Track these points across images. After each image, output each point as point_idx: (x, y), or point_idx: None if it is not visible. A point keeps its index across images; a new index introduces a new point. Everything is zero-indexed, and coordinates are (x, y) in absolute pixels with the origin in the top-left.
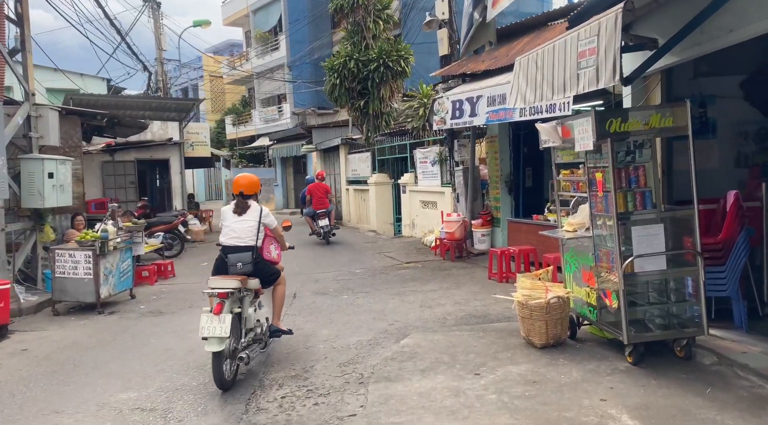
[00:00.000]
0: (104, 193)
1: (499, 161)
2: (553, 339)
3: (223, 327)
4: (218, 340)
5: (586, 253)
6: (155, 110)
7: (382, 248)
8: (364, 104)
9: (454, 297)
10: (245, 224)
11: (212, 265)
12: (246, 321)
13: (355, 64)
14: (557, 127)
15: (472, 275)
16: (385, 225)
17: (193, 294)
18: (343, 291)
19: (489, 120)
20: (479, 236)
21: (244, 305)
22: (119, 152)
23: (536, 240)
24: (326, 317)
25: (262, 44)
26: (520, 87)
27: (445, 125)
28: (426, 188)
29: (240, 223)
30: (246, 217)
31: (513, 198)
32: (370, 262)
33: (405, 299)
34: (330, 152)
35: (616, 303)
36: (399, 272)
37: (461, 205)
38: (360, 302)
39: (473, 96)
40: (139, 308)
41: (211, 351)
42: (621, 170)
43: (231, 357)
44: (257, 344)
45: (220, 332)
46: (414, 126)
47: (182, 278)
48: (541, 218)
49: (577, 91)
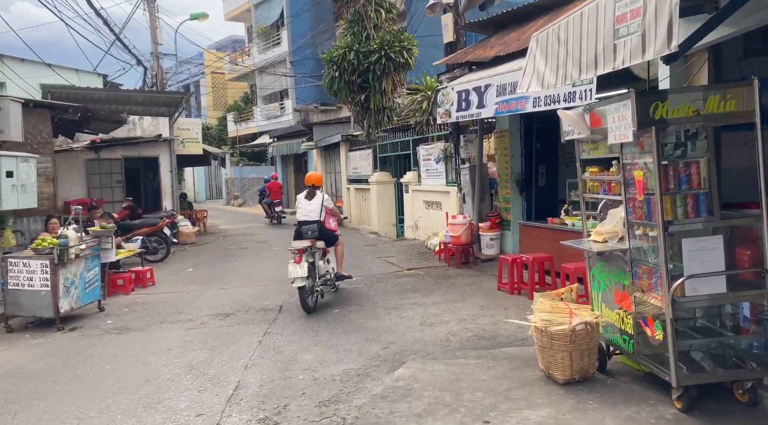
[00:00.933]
0: (89, 193)
1: (510, 157)
2: (578, 374)
3: (301, 270)
4: (300, 279)
5: (620, 269)
6: (142, 105)
7: (383, 252)
8: (365, 98)
9: (459, 313)
10: (313, 206)
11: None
12: (318, 268)
13: (355, 56)
14: (584, 114)
15: (479, 285)
16: (387, 227)
17: (170, 306)
18: (335, 304)
19: (498, 112)
20: (487, 240)
21: (315, 259)
22: (105, 149)
23: (552, 247)
24: (312, 337)
25: (263, 39)
26: (537, 68)
27: (449, 118)
28: (430, 188)
29: (309, 205)
30: (313, 201)
31: (525, 199)
32: (368, 268)
33: (403, 315)
34: (330, 149)
35: (660, 334)
36: (399, 281)
37: (467, 206)
38: (352, 318)
39: (481, 85)
40: (105, 323)
41: (297, 287)
42: (668, 168)
43: (311, 292)
44: (328, 285)
45: (300, 273)
46: (417, 121)
47: (162, 287)
48: (557, 222)
49: (613, 66)
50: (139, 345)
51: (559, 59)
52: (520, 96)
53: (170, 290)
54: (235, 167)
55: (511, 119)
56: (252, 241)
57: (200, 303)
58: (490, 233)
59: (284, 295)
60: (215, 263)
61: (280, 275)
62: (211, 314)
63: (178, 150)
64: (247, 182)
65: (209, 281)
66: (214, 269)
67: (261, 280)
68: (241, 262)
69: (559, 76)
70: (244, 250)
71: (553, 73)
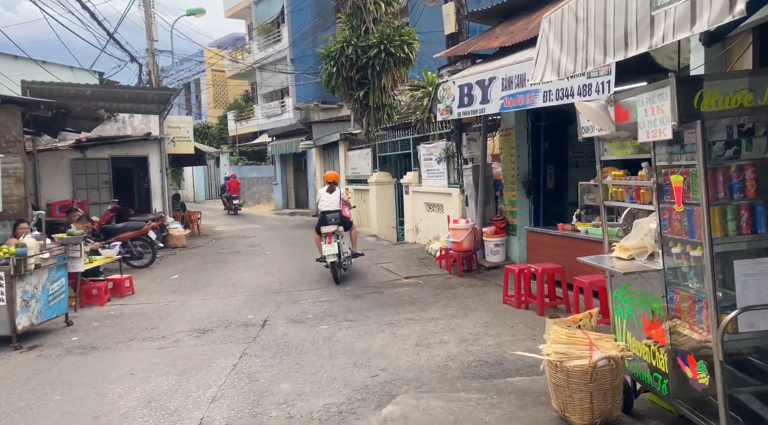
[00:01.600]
0: (74, 194)
1: (516, 157)
2: (600, 418)
3: (333, 249)
4: (333, 256)
5: (650, 292)
6: (130, 101)
7: (381, 258)
8: (364, 95)
9: (459, 331)
10: (333, 198)
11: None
12: (341, 247)
13: (353, 51)
14: (608, 106)
15: (483, 297)
16: (387, 229)
17: (144, 320)
18: (324, 318)
19: (504, 107)
20: (492, 246)
21: (339, 240)
22: (92, 148)
23: (563, 256)
24: (293, 360)
25: (263, 36)
26: (551, 53)
27: (451, 115)
28: (431, 189)
29: (330, 197)
30: (333, 194)
31: (532, 202)
32: (364, 275)
33: (397, 333)
34: (329, 148)
35: (705, 378)
36: (395, 292)
37: (470, 209)
38: (341, 336)
39: (485, 78)
40: (70, 340)
41: (330, 262)
42: (717, 172)
43: (339, 267)
44: (348, 261)
45: (333, 251)
46: (418, 118)
47: (141, 297)
48: (569, 229)
49: (650, 44)
50: (100, 369)
51: (577, 42)
52: (528, 90)
53: (149, 300)
54: (234, 166)
55: (518, 116)
56: (245, 244)
57: (178, 316)
58: (495, 239)
59: (269, 307)
60: (202, 269)
61: (269, 283)
62: (187, 330)
63: (169, 149)
64: (247, 182)
65: (192, 291)
66: (200, 277)
67: (248, 289)
68: (230, 268)
69: (578, 62)
70: (236, 254)
71: (571, 59)
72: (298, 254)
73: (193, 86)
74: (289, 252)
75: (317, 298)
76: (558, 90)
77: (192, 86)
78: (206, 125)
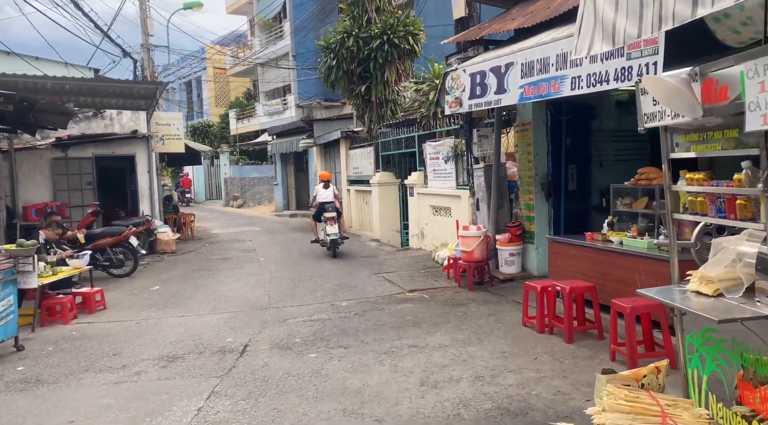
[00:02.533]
0: (55, 196)
1: (534, 156)
2: None
3: (334, 229)
4: (334, 235)
5: (745, 342)
6: (113, 96)
7: (383, 266)
8: (366, 90)
9: (473, 363)
10: (329, 193)
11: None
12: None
13: (354, 42)
14: (691, 80)
15: (498, 317)
16: (390, 233)
17: (108, 343)
18: (314, 343)
19: (524, 97)
20: (506, 255)
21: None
22: (74, 147)
23: (593, 271)
24: (271, 404)
25: (265, 32)
26: (601, 16)
27: (460, 108)
28: (438, 191)
29: (326, 192)
30: (329, 190)
31: (552, 206)
32: (363, 288)
33: (398, 366)
34: (330, 147)
35: None
36: (398, 309)
37: (482, 213)
38: (331, 369)
39: (500, 65)
40: (14, 371)
41: (330, 239)
42: None
43: (336, 245)
44: (342, 241)
45: (334, 231)
46: (423, 114)
47: (112, 312)
48: (599, 238)
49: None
50: (34, 415)
51: (627, 5)
52: (553, 76)
53: (121, 317)
54: (235, 165)
55: (536, 110)
56: (239, 249)
57: (148, 339)
58: (510, 248)
59: (253, 328)
60: (188, 278)
61: (257, 297)
62: (153, 358)
63: (157, 148)
64: (248, 182)
65: (171, 305)
66: (184, 288)
67: (233, 304)
68: (218, 278)
69: (646, 22)
70: (227, 261)
71: (634, 19)
72: (293, 262)
73: (194, 84)
74: (284, 259)
75: (309, 316)
76: (590, 75)
77: (193, 84)
78: (207, 123)
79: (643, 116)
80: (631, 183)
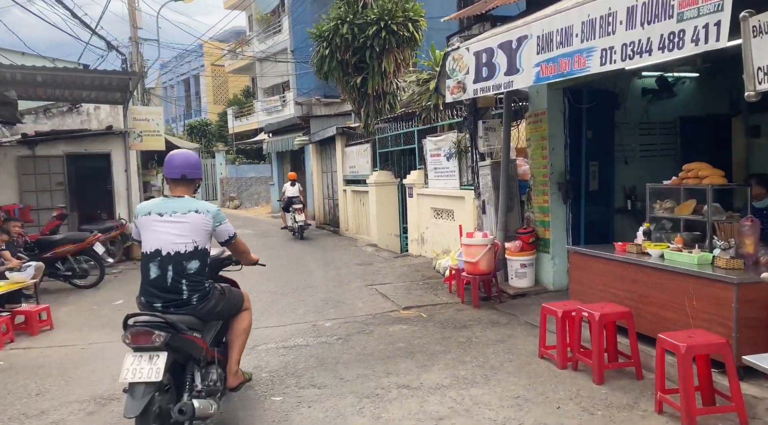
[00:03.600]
0: (21, 198)
1: (549, 151)
2: None
3: (302, 217)
4: (302, 221)
5: None
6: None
7: (377, 276)
8: (362, 82)
9: (477, 414)
10: (295, 189)
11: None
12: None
13: (349, 30)
14: None
15: (509, 346)
16: (389, 238)
17: (38, 378)
18: (283, 381)
19: (540, 78)
20: (517, 267)
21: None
22: (42, 144)
23: (626, 291)
24: None
25: (263, 26)
26: None
27: (464, 94)
28: (439, 191)
29: (293, 189)
30: (294, 187)
31: (570, 209)
32: (352, 303)
33: (383, 418)
34: (326, 144)
35: None
36: (389, 331)
37: (488, 218)
38: (296, 421)
39: (511, 39)
40: None
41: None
42: None
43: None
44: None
45: (302, 219)
46: (423, 106)
47: (59, 335)
48: (633, 250)
49: None
50: None
51: None
52: (578, 49)
53: (64, 340)
54: (231, 165)
55: (551, 97)
56: None
57: (86, 371)
58: (521, 258)
59: None
60: None
61: None
62: (83, 399)
63: (135, 145)
64: (245, 182)
65: None
66: None
67: None
68: None
69: None
70: None
71: None
72: (280, 270)
73: (192, 82)
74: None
75: (284, 340)
76: (626, 46)
77: (191, 82)
78: (205, 122)
79: (756, 72)
80: (674, 183)
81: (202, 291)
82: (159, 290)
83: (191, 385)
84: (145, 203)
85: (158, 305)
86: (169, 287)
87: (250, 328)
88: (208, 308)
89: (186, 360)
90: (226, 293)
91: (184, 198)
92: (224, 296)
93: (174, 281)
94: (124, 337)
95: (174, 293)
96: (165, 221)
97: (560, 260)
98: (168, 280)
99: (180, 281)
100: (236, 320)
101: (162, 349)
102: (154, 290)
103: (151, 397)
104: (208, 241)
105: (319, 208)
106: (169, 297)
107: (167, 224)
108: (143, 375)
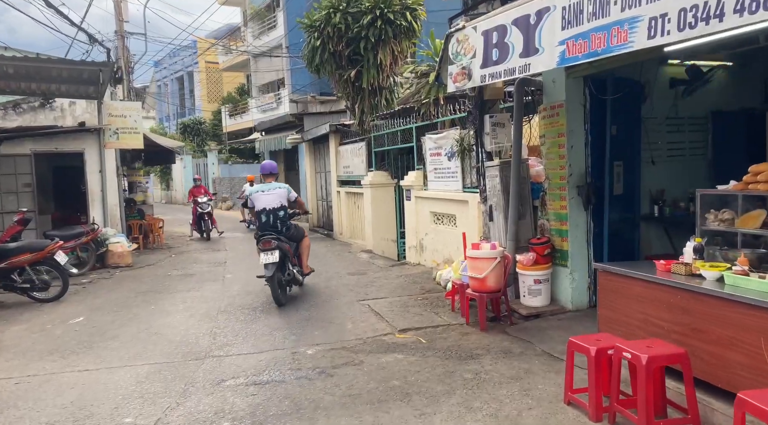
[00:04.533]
0: None
1: (567, 149)
2: None
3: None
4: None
5: None
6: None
7: (371, 288)
8: (356, 75)
9: None
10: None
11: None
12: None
13: (342, 19)
14: None
15: (527, 385)
16: (385, 243)
17: None
18: None
19: (566, 58)
20: (530, 282)
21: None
22: (7, 142)
23: (675, 323)
24: None
25: (258, 21)
26: None
27: (469, 82)
28: (440, 194)
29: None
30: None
31: (591, 216)
32: (340, 324)
33: None
34: (319, 143)
35: None
36: (382, 363)
37: (496, 225)
38: None
39: (529, 13)
40: None
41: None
42: None
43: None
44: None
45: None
46: (422, 100)
47: None
48: (681, 272)
49: None
50: None
51: None
52: (616, 20)
53: (0, 370)
54: (224, 165)
55: (570, 87)
56: (208, 262)
57: (13, 416)
58: (535, 272)
59: (171, 397)
60: (126, 304)
61: (199, 337)
62: None
63: (111, 143)
64: (238, 183)
65: (82, 350)
66: (113, 319)
67: (163, 348)
68: (164, 304)
69: None
70: (186, 279)
71: None
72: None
73: (186, 80)
74: (252, 281)
75: (256, 373)
76: (685, 11)
77: (185, 79)
78: (198, 120)
79: None
80: (737, 188)
81: (287, 226)
82: (268, 227)
83: (289, 270)
84: (254, 187)
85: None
86: (272, 225)
87: (309, 246)
88: (290, 234)
89: (284, 258)
90: (295, 228)
91: (272, 183)
92: (296, 228)
93: (273, 222)
94: (259, 245)
95: (274, 228)
96: (266, 194)
97: (580, 275)
98: (270, 221)
99: (276, 222)
100: (302, 242)
101: (276, 248)
102: (266, 227)
103: (275, 269)
104: (287, 202)
105: (312, 210)
106: (273, 229)
107: (267, 195)
108: (270, 259)
